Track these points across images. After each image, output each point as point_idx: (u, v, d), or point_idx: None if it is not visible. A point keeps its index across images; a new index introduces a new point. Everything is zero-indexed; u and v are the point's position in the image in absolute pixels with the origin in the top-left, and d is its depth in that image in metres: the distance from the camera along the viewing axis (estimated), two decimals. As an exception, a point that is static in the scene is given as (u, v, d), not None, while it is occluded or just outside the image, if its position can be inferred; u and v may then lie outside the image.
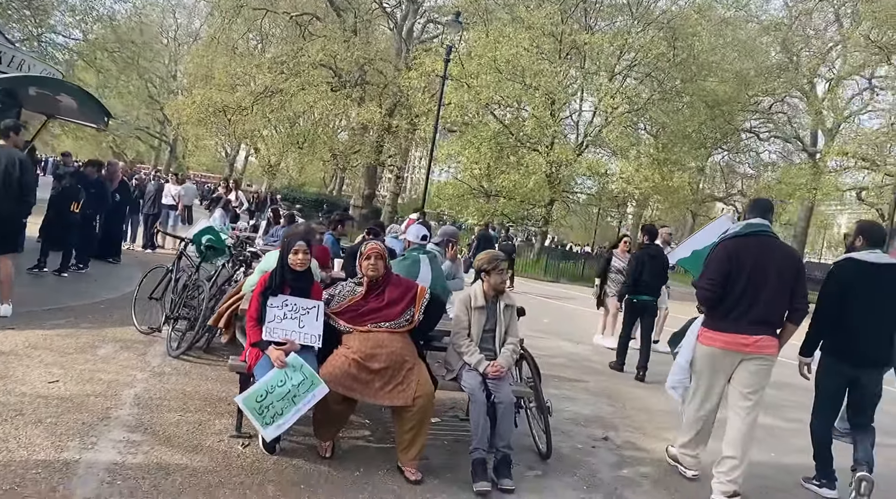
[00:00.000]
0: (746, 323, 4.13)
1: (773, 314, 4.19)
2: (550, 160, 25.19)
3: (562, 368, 7.70)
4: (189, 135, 47.24)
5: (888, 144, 23.15)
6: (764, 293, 4.13)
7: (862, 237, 4.50)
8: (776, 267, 4.16)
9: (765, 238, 4.26)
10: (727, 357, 4.23)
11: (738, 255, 4.19)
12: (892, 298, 4.37)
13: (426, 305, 4.05)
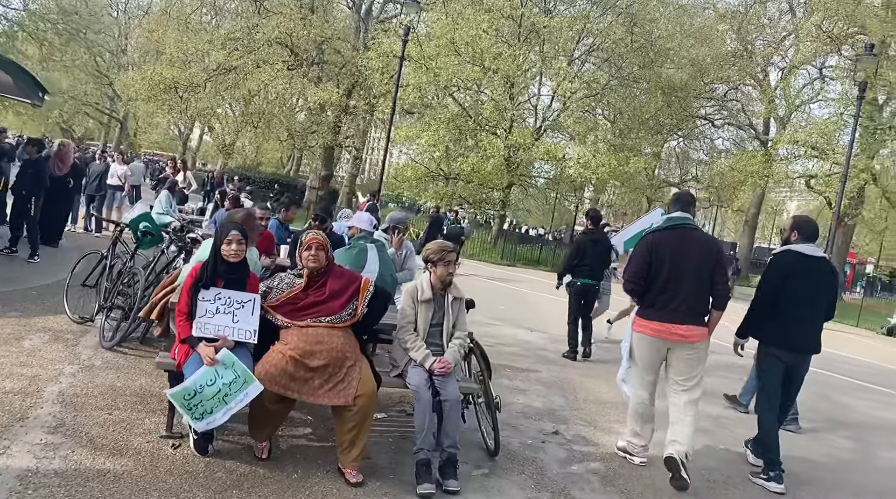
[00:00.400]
0: (673, 312, 4.38)
1: (698, 303, 4.43)
2: (508, 144, 25.09)
3: (515, 357, 7.60)
4: (140, 112, 45.85)
5: (836, 132, 23.62)
6: (686, 283, 4.38)
7: (797, 232, 4.78)
8: (695, 258, 4.41)
9: (685, 230, 4.52)
10: (657, 344, 4.47)
11: (657, 248, 4.45)
12: (823, 288, 4.68)
13: (370, 297, 3.86)
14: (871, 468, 5.43)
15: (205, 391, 3.38)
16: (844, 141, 22.58)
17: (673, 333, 4.39)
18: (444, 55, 25.30)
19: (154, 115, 44.97)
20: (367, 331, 4.03)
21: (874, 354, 14.06)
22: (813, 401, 7.73)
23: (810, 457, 5.48)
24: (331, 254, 3.88)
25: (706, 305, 4.48)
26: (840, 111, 23.61)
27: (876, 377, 10.53)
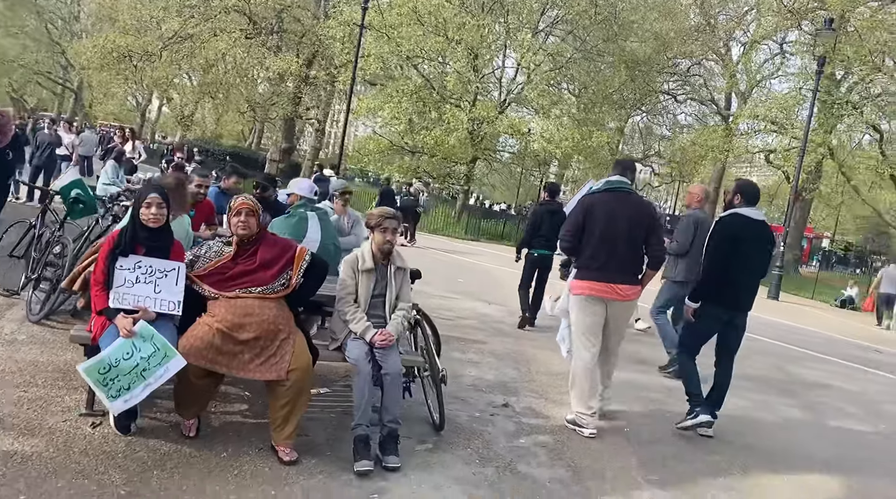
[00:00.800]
0: (608, 272, 4.55)
1: (631, 263, 4.65)
2: (472, 117, 24.80)
3: (471, 330, 7.46)
4: (94, 81, 44.37)
5: (795, 107, 23.84)
6: (620, 244, 4.57)
7: (740, 195, 4.90)
8: (630, 219, 4.60)
9: (621, 193, 4.71)
10: (596, 304, 4.62)
11: (593, 209, 4.64)
12: (761, 250, 4.88)
13: (306, 267, 3.64)
14: (818, 437, 5.43)
15: (121, 366, 3.14)
16: (803, 116, 22.83)
17: (612, 291, 4.57)
18: (406, 25, 24.80)
19: (109, 85, 43.59)
20: (304, 302, 3.81)
21: (827, 326, 14.31)
22: (767, 371, 7.78)
23: (761, 427, 5.46)
24: (264, 221, 3.64)
25: (640, 266, 4.71)
26: (799, 86, 23.83)
27: (827, 347, 10.68)
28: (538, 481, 3.72)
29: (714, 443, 4.82)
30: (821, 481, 4.37)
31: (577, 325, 4.70)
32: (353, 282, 3.87)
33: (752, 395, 6.43)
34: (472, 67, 26.09)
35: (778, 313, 14.74)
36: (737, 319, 4.87)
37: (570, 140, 24.24)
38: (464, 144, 25.87)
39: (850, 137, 25.27)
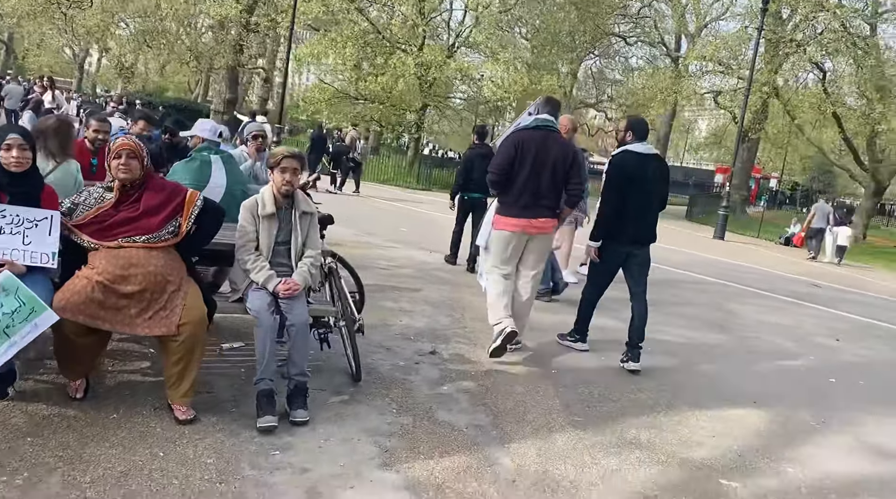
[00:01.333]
0: (531, 207, 4.72)
1: (552, 199, 4.79)
2: (419, 62, 24.17)
3: (407, 278, 7.29)
4: (24, 32, 42.01)
5: (742, 47, 23.81)
6: (544, 180, 4.72)
7: (632, 132, 4.99)
8: (554, 157, 4.72)
9: (548, 132, 4.80)
10: (518, 239, 4.80)
11: (523, 145, 4.71)
12: (656, 184, 4.98)
13: (198, 213, 3.36)
14: (748, 372, 5.45)
15: (-19, 324, 2.86)
16: (749, 56, 22.84)
17: (533, 226, 4.76)
18: (348, -35, 23.84)
19: (41, 36, 41.23)
20: (197, 251, 3.54)
21: (768, 263, 14.56)
22: (704, 309, 7.82)
23: (693, 364, 5.45)
24: (148, 164, 3.33)
25: (559, 202, 4.86)
26: (745, 25, 23.76)
27: (767, 284, 10.83)
28: (456, 427, 3.59)
29: (643, 380, 4.78)
30: (742, 415, 4.36)
31: (496, 255, 4.87)
32: (254, 228, 3.61)
33: (687, 332, 6.45)
34: (418, 10, 25.33)
35: (721, 252, 14.95)
36: (637, 252, 5.02)
37: (521, 84, 23.87)
38: (412, 91, 25.29)
39: (794, 76, 25.43)
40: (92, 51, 49.38)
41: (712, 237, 19.74)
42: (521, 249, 4.85)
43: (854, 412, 4.73)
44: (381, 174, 25.19)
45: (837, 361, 6.24)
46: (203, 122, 4.57)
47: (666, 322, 6.70)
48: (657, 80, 28.74)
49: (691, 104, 48.34)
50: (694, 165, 69.35)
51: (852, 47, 21.39)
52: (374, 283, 6.75)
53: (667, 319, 6.82)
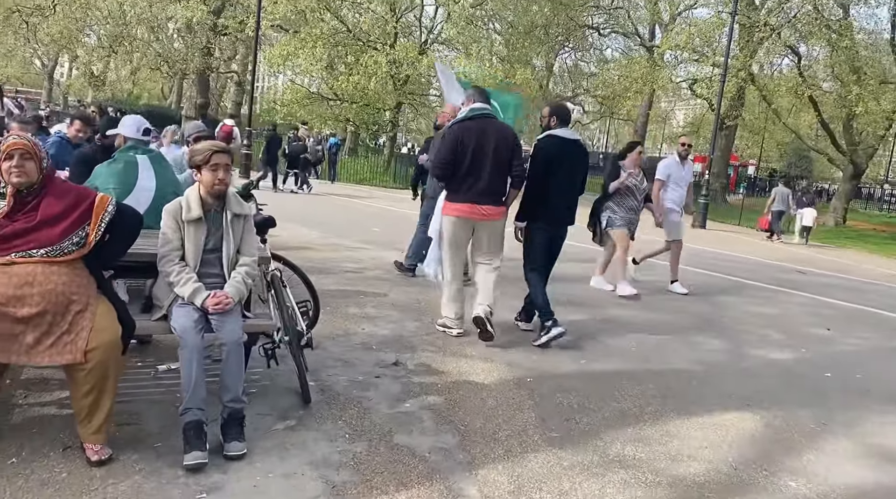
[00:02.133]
0: (476, 194, 4.89)
1: (497, 185, 4.95)
2: (391, 59, 23.72)
3: (375, 281, 6.86)
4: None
5: (715, 33, 23.58)
6: (486, 168, 4.86)
7: (556, 117, 5.28)
8: (494, 144, 4.87)
9: (485, 120, 4.96)
10: (465, 224, 4.99)
11: (463, 137, 4.86)
12: (578, 168, 5.30)
13: (110, 219, 2.92)
14: (739, 371, 5.09)
15: None
16: (724, 42, 22.63)
17: (478, 212, 4.92)
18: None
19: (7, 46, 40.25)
20: (110, 263, 3.09)
21: (751, 251, 14.29)
22: (687, 302, 7.46)
23: (678, 365, 5.07)
24: (47, 165, 2.88)
25: (505, 187, 5.02)
26: (718, 11, 23.55)
27: (751, 273, 10.53)
28: (417, 452, 3.18)
29: (626, 385, 4.40)
30: (736, 420, 3.99)
31: (447, 242, 5.08)
32: (178, 235, 3.17)
33: (670, 330, 6.07)
34: (389, 6, 24.88)
35: (704, 242, 14.65)
36: (559, 232, 5.34)
37: (493, 78, 23.48)
38: (386, 89, 24.84)
39: (770, 62, 25.30)
40: (62, 60, 48.34)
41: (693, 226, 19.48)
42: (470, 235, 5.06)
43: (855, 411, 4.38)
44: (357, 174, 24.74)
45: (831, 353, 5.90)
46: (126, 118, 4.10)
47: (648, 319, 6.33)
48: (632, 71, 28.50)
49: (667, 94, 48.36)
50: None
51: (826, 30, 21.23)
52: (339, 288, 6.34)
53: (650, 316, 6.46)
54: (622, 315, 6.42)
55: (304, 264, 7.14)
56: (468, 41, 24.91)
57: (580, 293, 7.20)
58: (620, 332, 5.77)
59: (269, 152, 16.92)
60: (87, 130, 5.53)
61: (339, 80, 24.56)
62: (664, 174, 7.85)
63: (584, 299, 6.94)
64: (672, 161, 8.00)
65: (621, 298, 7.16)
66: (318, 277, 6.50)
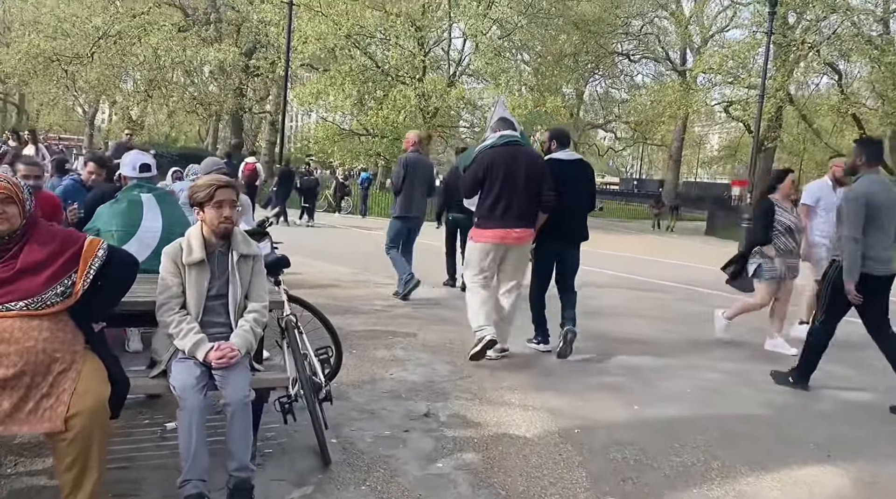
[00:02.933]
0: (508, 219, 4.98)
1: (528, 210, 5.05)
2: (420, 92, 23.68)
3: (405, 319, 6.48)
4: (34, 91, 42.39)
5: (750, 53, 23.05)
6: (518, 193, 4.96)
7: (556, 141, 5.46)
8: (524, 171, 4.99)
9: (514, 147, 5.11)
10: (496, 249, 5.09)
11: (492, 164, 5.00)
12: (583, 186, 5.42)
13: (101, 265, 2.60)
14: (813, 415, 4.55)
15: None
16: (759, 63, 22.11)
17: (510, 236, 5.02)
18: (342, 1, 23.52)
19: (46, 94, 41.48)
20: (101, 315, 2.76)
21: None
22: (748, 335, 6.90)
23: (743, 409, 4.55)
24: (30, 209, 2.57)
25: (535, 212, 5.10)
26: (753, 31, 23.06)
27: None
28: (451, 525, 2.75)
29: (686, 434, 3.91)
30: (817, 476, 3.47)
31: (474, 266, 5.15)
32: (178, 281, 2.84)
33: (733, 370, 5.53)
34: (417, 41, 24.95)
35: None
36: (568, 250, 5.44)
37: (524, 107, 23.23)
38: (415, 122, 24.77)
39: (807, 80, 24.64)
40: (103, 106, 49.61)
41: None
42: (499, 260, 5.13)
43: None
44: (388, 208, 24.57)
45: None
46: (126, 155, 3.83)
47: (710, 359, 5.81)
48: (665, 95, 28.07)
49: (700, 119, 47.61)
50: (709, 180, 68.42)
51: (868, 46, 20.56)
52: (367, 328, 5.98)
53: (711, 355, 5.94)
54: (673, 352, 5.92)
55: (331, 304, 6.84)
56: (496, 72, 24.76)
57: (630, 329, 6.74)
58: (673, 371, 5.28)
59: (281, 188, 16.91)
60: (102, 172, 5.31)
61: (369, 115, 24.59)
62: (813, 199, 6.56)
63: (632, 336, 6.46)
64: (824, 183, 6.72)
65: (668, 336, 6.66)
66: (345, 318, 6.18)
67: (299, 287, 7.59)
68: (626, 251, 16.18)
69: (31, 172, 4.31)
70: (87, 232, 3.52)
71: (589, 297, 8.33)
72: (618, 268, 11.80)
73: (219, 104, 32.82)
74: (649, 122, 34.08)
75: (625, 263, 13.16)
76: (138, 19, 28.67)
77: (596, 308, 7.38)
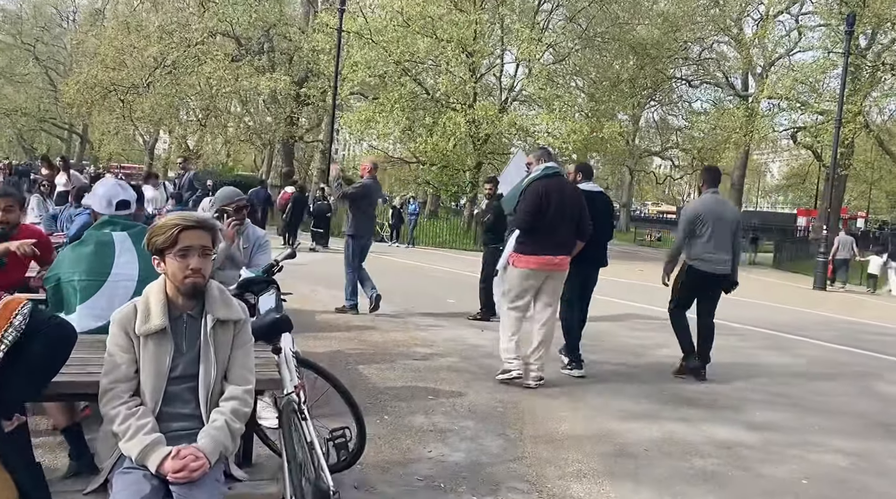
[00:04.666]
0: (552, 246, 5.19)
1: (569, 238, 5.32)
2: (469, 119, 23.01)
3: (448, 373, 5.60)
4: (96, 122, 43.68)
5: (823, 76, 21.70)
6: (562, 223, 5.22)
7: (581, 174, 5.97)
8: (569, 202, 5.26)
9: (560, 178, 5.40)
10: (538, 275, 5.27)
11: (547, 191, 5.19)
12: (604, 217, 5.90)
13: (14, 337, 1.85)
14: None
15: None
16: (831, 86, 20.80)
17: (552, 264, 5.23)
18: (393, 28, 23.16)
19: (107, 124, 42.54)
20: (14, 406, 2.00)
21: (890, 316, 12.17)
22: (851, 402, 5.80)
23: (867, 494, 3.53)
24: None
25: (574, 241, 5.35)
26: (827, 51, 21.69)
27: None
28: None
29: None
30: None
31: (513, 290, 5.33)
32: (130, 357, 2.07)
33: (848, 444, 4.49)
34: (468, 67, 24.39)
35: (830, 307, 12.72)
36: (591, 273, 5.87)
37: (579, 133, 22.30)
38: (465, 150, 24.13)
39: (884, 104, 23.07)
40: (163, 135, 50.68)
41: (812, 287, 17.37)
42: (538, 286, 5.30)
43: None
44: (437, 237, 23.91)
45: None
46: (96, 187, 3.13)
47: (820, 432, 4.77)
48: (726, 121, 26.81)
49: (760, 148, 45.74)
50: (768, 209, 65.99)
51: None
52: (404, 384, 5.15)
53: (819, 428, 4.89)
54: (772, 423, 4.90)
55: (365, 351, 6.03)
56: (550, 97, 23.96)
57: (712, 390, 5.74)
58: (777, 451, 4.28)
59: (294, 214, 16.45)
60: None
61: (418, 142, 24.06)
62: None
63: (716, 399, 5.46)
64: None
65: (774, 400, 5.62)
66: (380, 370, 5.39)
67: (332, 330, 6.84)
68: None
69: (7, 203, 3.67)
70: (46, 283, 2.81)
71: (658, 343, 7.40)
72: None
73: (271, 133, 32.92)
74: (709, 150, 32.70)
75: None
76: (192, 49, 29.00)
77: (671, 360, 6.40)
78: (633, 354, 6.84)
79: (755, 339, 8.47)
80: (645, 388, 5.53)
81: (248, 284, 2.96)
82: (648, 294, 12.44)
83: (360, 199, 7.83)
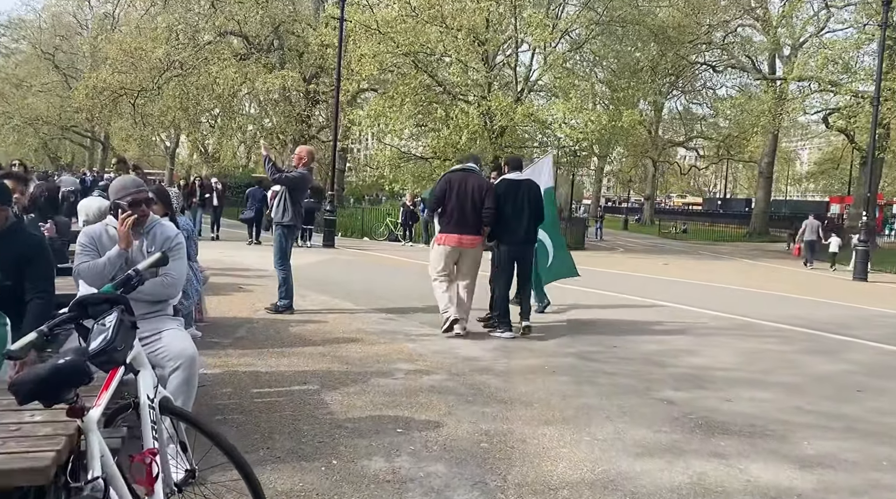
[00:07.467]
0: (461, 227, 6.59)
1: (475, 221, 6.61)
2: (482, 111, 22.01)
3: (429, 397, 4.69)
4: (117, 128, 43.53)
5: (856, 53, 20.31)
6: (467, 206, 6.57)
7: (507, 166, 7.12)
8: (474, 190, 6.60)
9: (467, 173, 6.77)
10: (453, 251, 6.67)
11: (451, 183, 6.66)
12: (525, 200, 6.73)
13: None
14: None
15: None
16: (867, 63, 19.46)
17: (463, 242, 6.61)
18: (400, 19, 22.25)
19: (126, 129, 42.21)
20: None
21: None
22: None
23: None
24: None
25: (480, 222, 6.61)
26: (862, 24, 20.29)
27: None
28: None
29: None
30: None
31: (436, 265, 6.70)
32: None
33: None
34: (480, 58, 23.40)
35: (873, 300, 11.56)
36: (525, 252, 6.86)
37: (598, 123, 21.17)
38: (480, 143, 23.11)
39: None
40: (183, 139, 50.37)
41: (852, 279, 16.16)
42: (456, 260, 6.69)
43: None
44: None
45: None
46: None
47: (878, 464, 3.78)
48: (753, 106, 25.45)
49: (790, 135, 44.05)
50: (798, 198, 64.02)
51: None
52: (370, 413, 4.25)
53: (877, 458, 3.89)
54: (830, 457, 3.90)
55: (338, 370, 5.09)
56: (567, 86, 22.84)
57: (751, 411, 4.75)
58: (823, 489, 3.30)
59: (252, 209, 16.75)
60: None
61: (429, 136, 23.14)
62: None
63: (758, 424, 4.47)
64: None
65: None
66: (346, 396, 4.51)
67: (304, 345, 5.91)
68: (718, 280, 13.94)
69: None
70: None
71: (688, 350, 6.45)
72: (714, 305, 9.69)
73: (283, 133, 32.27)
74: (736, 137, 31.32)
75: (722, 297, 11.00)
76: (203, 49, 28.44)
77: (700, 371, 5.44)
78: (655, 365, 5.86)
79: (797, 340, 7.44)
80: (667, 409, 4.56)
81: (83, 304, 2.08)
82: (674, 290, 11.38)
83: (299, 189, 7.41)
